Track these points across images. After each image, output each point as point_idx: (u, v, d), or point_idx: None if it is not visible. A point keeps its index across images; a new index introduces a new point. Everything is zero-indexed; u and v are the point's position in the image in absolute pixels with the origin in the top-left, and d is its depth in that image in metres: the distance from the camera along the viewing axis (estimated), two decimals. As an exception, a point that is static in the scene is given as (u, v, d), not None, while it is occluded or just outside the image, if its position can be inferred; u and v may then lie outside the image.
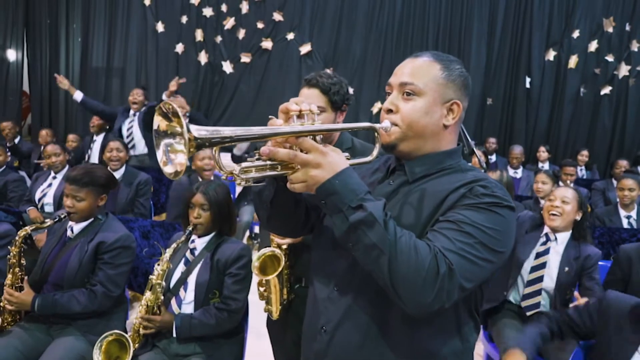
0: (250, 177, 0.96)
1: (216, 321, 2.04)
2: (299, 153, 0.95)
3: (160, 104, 0.91)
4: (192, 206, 2.14)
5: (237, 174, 0.95)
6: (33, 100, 8.14)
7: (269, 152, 0.95)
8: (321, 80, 1.76)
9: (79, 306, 2.13)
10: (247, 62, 7.35)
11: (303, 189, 0.98)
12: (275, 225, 1.23)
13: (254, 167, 0.97)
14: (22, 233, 2.12)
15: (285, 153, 0.95)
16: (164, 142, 0.92)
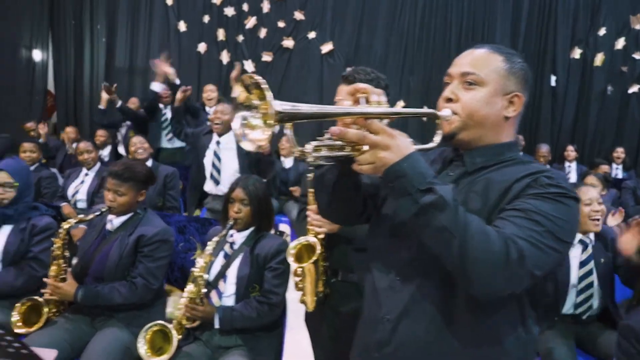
0: (321, 155, 0.98)
1: (257, 314, 2.06)
2: (369, 134, 0.96)
3: (243, 76, 0.93)
4: (232, 201, 2.16)
5: (309, 152, 0.96)
6: (58, 100, 8.27)
7: (339, 132, 0.96)
8: (358, 77, 1.77)
9: (121, 298, 2.17)
10: (269, 61, 7.38)
11: (370, 171, 0.99)
12: (334, 210, 1.24)
13: (325, 146, 1.00)
14: (65, 226, 2.16)
15: (355, 134, 0.96)
16: (241, 114, 0.94)
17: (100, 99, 5.64)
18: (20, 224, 2.45)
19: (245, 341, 2.08)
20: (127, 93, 7.89)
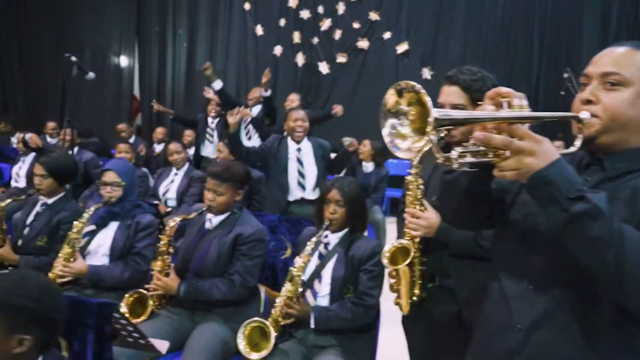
0: (465, 161, 0.97)
1: (352, 315, 2.08)
2: (514, 140, 0.94)
3: (401, 82, 0.95)
4: (327, 202, 2.19)
5: (455, 158, 0.96)
6: (143, 103, 8.75)
7: (484, 138, 0.95)
8: (462, 77, 1.71)
9: (219, 294, 2.26)
10: (343, 62, 7.43)
11: (514, 177, 0.97)
12: (460, 215, 1.23)
13: (469, 152, 0.98)
14: (172, 224, 2.28)
15: (500, 139, 0.94)
16: (390, 122, 0.95)
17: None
18: (125, 221, 2.60)
19: (340, 341, 2.10)
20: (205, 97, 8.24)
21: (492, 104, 1.01)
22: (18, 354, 1.15)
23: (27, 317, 1.15)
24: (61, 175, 2.82)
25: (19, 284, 1.17)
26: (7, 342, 1.13)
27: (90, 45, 8.76)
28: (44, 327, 1.18)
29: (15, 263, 2.73)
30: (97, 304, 1.44)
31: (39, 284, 1.21)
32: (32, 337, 1.15)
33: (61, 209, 2.81)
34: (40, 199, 2.88)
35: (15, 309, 1.14)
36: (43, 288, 1.20)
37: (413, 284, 1.75)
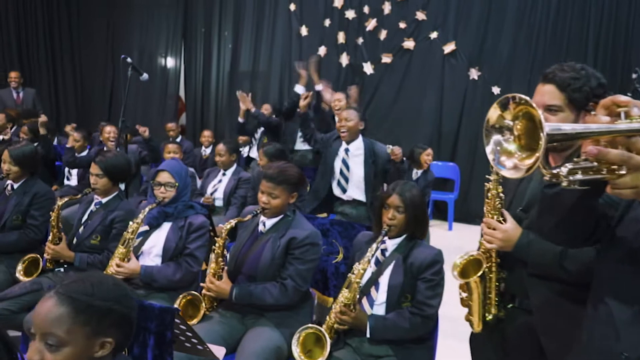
0: (576, 179, 0.88)
1: (410, 325, 2.00)
2: (634, 155, 0.85)
3: (508, 95, 0.87)
4: (386, 207, 2.12)
5: (564, 175, 0.87)
6: (188, 104, 8.88)
7: (598, 153, 0.86)
8: (560, 75, 1.53)
9: (272, 299, 2.22)
10: (388, 62, 7.31)
11: (632, 196, 0.87)
12: (561, 231, 1.13)
13: (580, 169, 0.89)
14: (227, 226, 2.26)
15: (617, 154, 0.85)
16: (494, 138, 0.88)
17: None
18: (178, 222, 2.61)
19: (396, 351, 2.02)
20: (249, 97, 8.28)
21: (607, 114, 0.91)
22: (99, 357, 1.12)
23: (109, 319, 1.12)
24: (116, 174, 2.86)
25: (98, 285, 1.14)
26: (91, 347, 1.11)
27: (138, 46, 8.96)
28: (123, 329, 1.15)
29: (70, 260, 2.78)
30: (160, 309, 1.41)
31: (115, 284, 1.18)
32: (113, 339, 1.13)
33: (114, 208, 2.85)
34: (94, 198, 2.92)
35: (98, 312, 1.10)
36: (120, 288, 1.18)
37: (487, 300, 1.64)
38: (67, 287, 1.12)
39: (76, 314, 1.08)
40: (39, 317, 1.09)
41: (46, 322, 1.07)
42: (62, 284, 1.13)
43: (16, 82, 7.07)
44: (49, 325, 1.07)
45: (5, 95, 7.06)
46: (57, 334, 1.06)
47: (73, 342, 1.08)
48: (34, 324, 1.10)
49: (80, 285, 1.12)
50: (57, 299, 1.10)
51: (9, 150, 3.04)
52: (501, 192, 1.56)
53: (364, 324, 2.01)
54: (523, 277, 1.58)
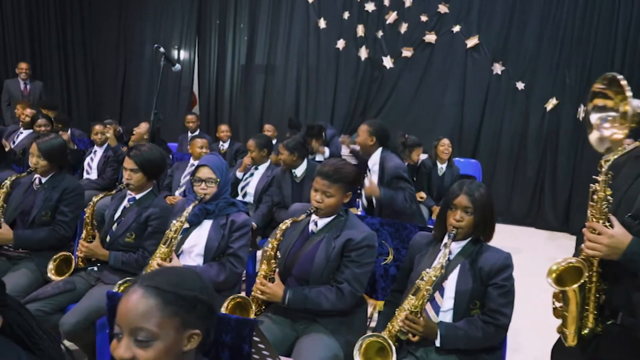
0: None
1: (483, 335, 1.87)
2: None
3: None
4: (452, 208, 1.98)
5: None
6: (201, 97, 8.73)
7: None
8: None
9: (328, 303, 2.09)
10: (409, 56, 7.16)
11: None
12: None
13: None
14: (283, 226, 2.12)
15: None
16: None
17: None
18: (220, 219, 2.47)
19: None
20: (263, 90, 8.15)
21: None
22: (187, 352, 1.05)
23: (196, 309, 1.05)
24: (151, 169, 2.72)
25: (182, 276, 1.07)
26: (179, 340, 1.03)
27: (151, 38, 8.80)
28: (209, 320, 1.08)
29: (104, 259, 2.65)
30: (237, 320, 1.28)
31: (195, 275, 1.11)
32: (200, 331, 1.06)
33: (149, 205, 2.71)
34: (127, 194, 2.79)
35: (186, 302, 1.04)
36: (200, 279, 1.10)
37: (584, 313, 1.50)
38: (152, 279, 1.05)
39: (164, 305, 1.01)
40: (126, 312, 1.02)
41: (135, 316, 1.00)
42: (143, 277, 1.06)
43: (25, 74, 6.92)
44: (139, 320, 1.00)
45: (13, 86, 6.92)
46: (147, 328, 0.99)
47: (164, 336, 1.01)
48: (120, 321, 1.02)
49: (164, 276, 1.06)
50: (143, 291, 1.02)
51: (37, 143, 2.90)
52: (609, 194, 1.41)
53: (434, 332, 1.87)
54: (630, 291, 1.44)
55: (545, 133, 6.54)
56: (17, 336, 1.25)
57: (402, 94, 7.30)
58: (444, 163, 5.13)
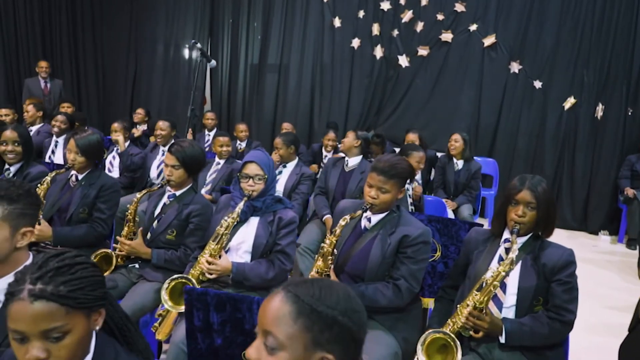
0: None
1: (549, 331, 1.85)
2: None
3: None
4: (514, 203, 1.96)
5: None
6: (213, 97, 8.70)
7: None
8: None
9: (385, 300, 2.07)
10: (425, 55, 7.14)
11: None
12: None
13: None
14: (342, 222, 2.10)
15: None
16: None
17: None
18: (267, 216, 2.45)
19: (531, 358, 1.87)
20: (277, 89, 8.12)
21: None
22: None
23: (332, 331, 0.96)
24: (192, 165, 2.70)
25: (327, 291, 0.99)
26: (308, 359, 0.96)
27: (162, 38, 8.77)
28: (347, 348, 0.98)
29: (146, 257, 2.63)
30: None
31: (347, 295, 1.01)
32: (335, 357, 0.97)
33: (189, 201, 2.70)
34: (167, 191, 2.77)
35: (321, 319, 0.96)
36: (351, 301, 1.01)
37: None
38: (295, 286, 0.99)
39: (297, 315, 0.95)
40: (263, 312, 0.99)
41: (268, 319, 0.97)
42: (290, 281, 1.01)
43: (46, 72, 6.90)
44: (271, 323, 0.96)
45: (34, 84, 6.90)
46: (276, 335, 0.95)
47: (290, 349, 0.95)
48: (258, 321, 0.99)
49: (308, 286, 0.99)
50: (283, 295, 0.98)
51: (75, 139, 2.88)
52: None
53: (499, 328, 1.85)
54: None
55: (563, 132, 6.52)
56: (111, 330, 1.24)
57: (417, 92, 7.28)
58: (460, 159, 5.13)
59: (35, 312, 1.02)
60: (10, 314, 1.04)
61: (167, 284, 2.19)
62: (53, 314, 1.04)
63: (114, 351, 1.18)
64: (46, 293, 1.04)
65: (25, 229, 1.50)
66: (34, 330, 1.03)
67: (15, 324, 1.03)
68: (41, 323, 1.02)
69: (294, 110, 7.90)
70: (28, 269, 1.08)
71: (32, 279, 1.05)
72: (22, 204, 1.50)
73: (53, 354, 1.04)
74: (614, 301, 4.09)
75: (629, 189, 5.71)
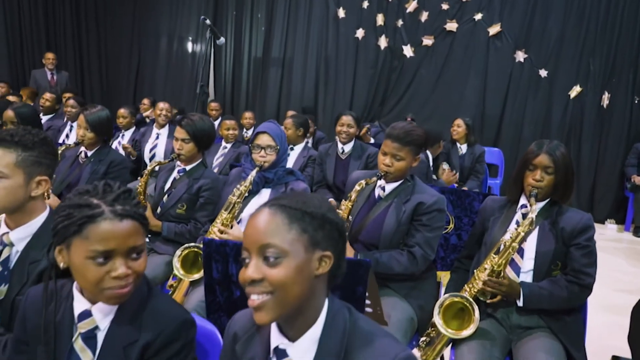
0: None
1: (568, 294, 1.83)
2: None
3: None
4: (532, 168, 1.93)
5: None
6: (217, 89, 8.68)
7: None
8: None
9: (400, 267, 2.05)
10: (429, 45, 7.11)
11: None
12: None
13: None
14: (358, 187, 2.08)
15: None
16: None
17: None
18: (279, 188, 2.44)
19: (549, 323, 1.85)
20: (280, 81, 8.10)
21: None
22: (319, 276, 0.99)
23: (326, 229, 1.00)
24: (202, 139, 2.68)
25: (308, 197, 1.03)
26: (310, 260, 0.98)
27: (166, 31, 8.75)
28: (339, 244, 1.03)
29: (157, 229, 2.61)
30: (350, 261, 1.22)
31: (324, 199, 1.07)
32: (332, 254, 1.00)
33: (199, 176, 2.68)
34: (176, 165, 2.75)
35: (313, 219, 0.99)
36: (327, 202, 1.05)
37: None
38: (278, 200, 1.02)
39: (291, 221, 0.98)
40: (254, 231, 0.98)
41: (263, 233, 0.97)
42: (269, 200, 1.05)
43: (52, 64, 6.92)
44: (267, 236, 0.96)
45: (40, 76, 6.91)
46: (276, 244, 0.96)
47: (293, 253, 0.96)
48: (247, 244, 0.99)
49: (290, 198, 1.03)
50: (269, 210, 1.00)
51: (85, 115, 2.86)
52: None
53: (517, 292, 1.83)
54: None
55: (568, 121, 6.50)
56: None
57: (422, 82, 7.25)
58: (463, 143, 5.13)
59: (125, 229, 1.09)
60: (96, 234, 1.07)
61: (179, 252, 2.18)
62: (138, 231, 1.12)
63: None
64: (130, 212, 1.11)
65: (40, 177, 1.49)
66: (122, 247, 1.09)
67: (103, 243, 1.07)
68: (129, 240, 1.09)
69: (298, 103, 7.87)
70: (84, 193, 1.12)
71: (108, 202, 1.10)
72: (37, 151, 1.48)
73: (134, 270, 1.11)
74: (624, 284, 4.07)
75: (635, 177, 5.69)
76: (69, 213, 1.09)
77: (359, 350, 0.98)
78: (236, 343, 1.11)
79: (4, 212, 1.44)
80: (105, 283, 1.08)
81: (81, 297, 1.16)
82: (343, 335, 1.00)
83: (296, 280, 0.96)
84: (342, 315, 1.02)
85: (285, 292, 0.95)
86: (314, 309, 1.02)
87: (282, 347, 1.02)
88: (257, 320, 0.98)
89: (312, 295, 1.00)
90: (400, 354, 0.97)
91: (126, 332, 1.14)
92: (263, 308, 0.96)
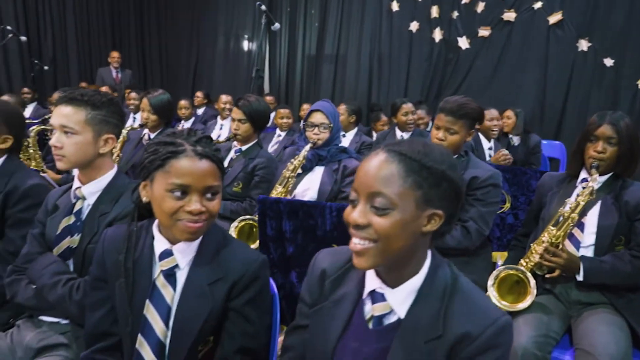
0: None
1: (632, 269, 1.75)
2: None
3: None
4: (593, 139, 1.87)
5: None
6: (272, 85, 8.85)
7: None
8: None
9: (453, 241, 2.03)
10: (486, 36, 6.94)
11: None
12: None
13: None
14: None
15: None
16: None
17: None
18: (332, 165, 2.47)
19: (611, 299, 1.78)
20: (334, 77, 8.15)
21: None
22: (425, 233, 0.96)
23: (442, 187, 0.95)
24: (258, 120, 2.76)
25: (430, 147, 0.97)
26: (418, 217, 0.94)
27: (223, 30, 9.01)
28: (454, 203, 0.97)
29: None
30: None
31: (445, 150, 1.00)
32: (444, 213, 0.96)
33: (255, 155, 2.75)
34: (233, 145, 2.84)
35: (431, 175, 0.94)
36: (450, 156, 0.99)
37: None
38: (398, 145, 0.97)
39: (407, 174, 0.93)
40: (366, 175, 0.95)
41: (375, 180, 0.93)
42: (388, 143, 0.99)
43: (117, 62, 7.29)
44: (378, 184, 0.93)
45: (106, 74, 7.29)
46: (386, 194, 0.92)
47: (402, 206, 0.92)
48: (358, 186, 0.96)
49: (411, 144, 0.97)
50: (387, 155, 0.95)
51: (148, 98, 3.01)
52: None
53: (577, 266, 1.77)
54: None
55: (637, 111, 6.15)
56: None
57: (478, 75, 7.08)
58: (515, 135, 4.85)
59: (203, 168, 1.16)
60: (177, 168, 1.15)
61: (236, 223, 2.25)
62: (215, 173, 1.19)
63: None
64: (210, 153, 1.18)
65: (107, 135, 1.58)
66: (198, 185, 1.16)
67: (182, 177, 1.14)
68: (205, 179, 1.16)
69: (352, 97, 7.89)
70: (171, 135, 1.21)
71: (191, 142, 1.18)
72: (105, 111, 1.58)
73: (208, 209, 1.17)
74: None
75: None
76: (156, 149, 1.18)
77: (459, 306, 0.97)
78: (325, 280, 1.11)
79: (76, 166, 1.55)
80: (179, 215, 1.15)
81: (161, 237, 1.24)
82: (444, 289, 0.98)
83: (401, 234, 0.93)
84: (444, 269, 1.01)
85: (388, 243, 0.93)
86: (416, 261, 1.00)
87: (380, 291, 1.02)
88: (356, 265, 0.97)
89: (416, 249, 0.98)
90: (501, 318, 0.95)
91: (208, 271, 1.22)
92: (364, 254, 0.95)
